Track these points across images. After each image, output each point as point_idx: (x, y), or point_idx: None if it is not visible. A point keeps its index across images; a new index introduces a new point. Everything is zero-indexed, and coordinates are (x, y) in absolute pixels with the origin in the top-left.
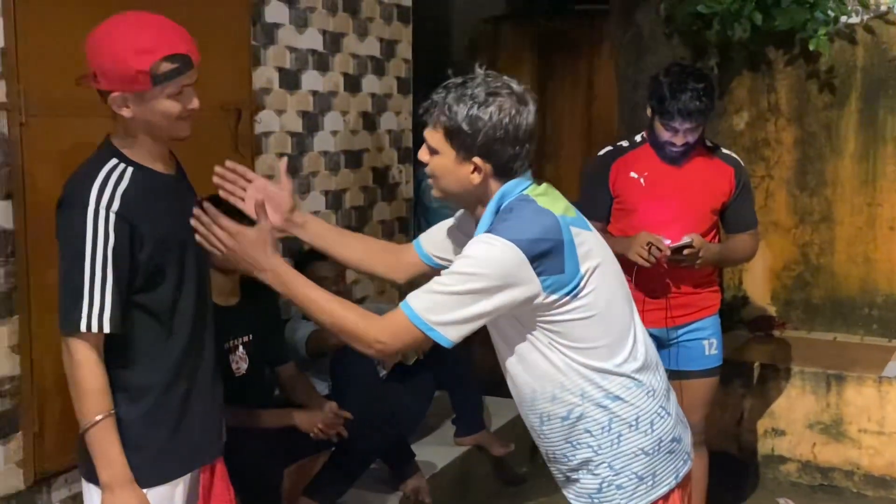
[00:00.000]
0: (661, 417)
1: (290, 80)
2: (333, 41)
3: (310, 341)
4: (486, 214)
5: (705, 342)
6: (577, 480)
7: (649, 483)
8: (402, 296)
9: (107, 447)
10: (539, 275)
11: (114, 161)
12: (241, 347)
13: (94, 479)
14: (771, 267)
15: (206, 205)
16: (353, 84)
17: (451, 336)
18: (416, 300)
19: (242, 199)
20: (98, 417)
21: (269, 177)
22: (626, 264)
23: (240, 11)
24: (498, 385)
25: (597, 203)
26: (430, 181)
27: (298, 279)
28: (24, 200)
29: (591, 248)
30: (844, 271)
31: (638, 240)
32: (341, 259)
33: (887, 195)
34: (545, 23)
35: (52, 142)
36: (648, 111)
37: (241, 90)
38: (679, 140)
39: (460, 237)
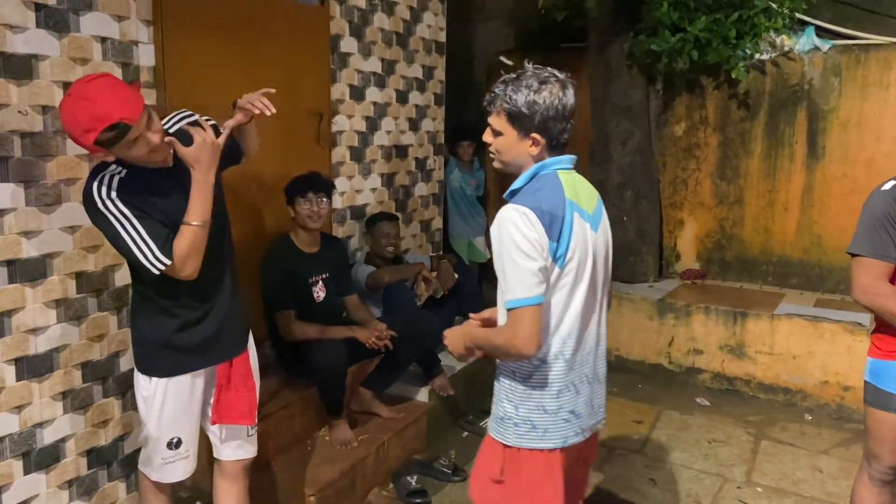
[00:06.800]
0: (570, 391)
1: (357, 94)
2: (389, 66)
3: (368, 279)
4: (518, 181)
5: None
6: (495, 404)
7: (540, 434)
8: (434, 248)
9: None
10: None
11: (112, 165)
12: (320, 282)
13: (139, 367)
14: (697, 234)
15: None
16: (402, 97)
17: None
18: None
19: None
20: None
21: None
22: None
23: (322, 45)
24: None
25: (885, 241)
26: (492, 156)
27: (476, 331)
28: None
29: (581, 239)
30: (750, 238)
31: None
32: None
33: (783, 185)
34: (541, 55)
35: None
36: None
37: (322, 100)
38: None
39: None
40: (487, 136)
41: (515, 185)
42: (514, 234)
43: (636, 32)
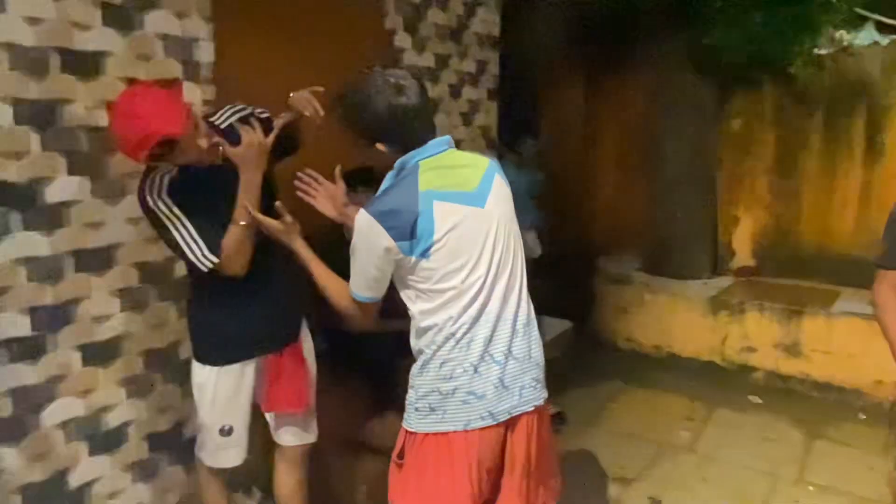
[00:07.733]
0: (466, 372)
1: None
2: (442, 61)
3: None
4: (386, 179)
5: None
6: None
7: (440, 416)
8: None
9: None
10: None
11: (165, 164)
12: None
13: (194, 354)
14: (752, 231)
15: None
16: (455, 92)
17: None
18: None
19: (314, 197)
20: (243, 222)
21: None
22: None
23: (378, 39)
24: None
25: None
26: None
27: (310, 259)
28: None
29: (454, 223)
30: (806, 236)
31: None
32: None
33: (841, 181)
34: (594, 48)
35: None
36: None
37: None
38: None
39: None
40: None
41: (383, 185)
42: (358, 241)
43: (692, 27)
